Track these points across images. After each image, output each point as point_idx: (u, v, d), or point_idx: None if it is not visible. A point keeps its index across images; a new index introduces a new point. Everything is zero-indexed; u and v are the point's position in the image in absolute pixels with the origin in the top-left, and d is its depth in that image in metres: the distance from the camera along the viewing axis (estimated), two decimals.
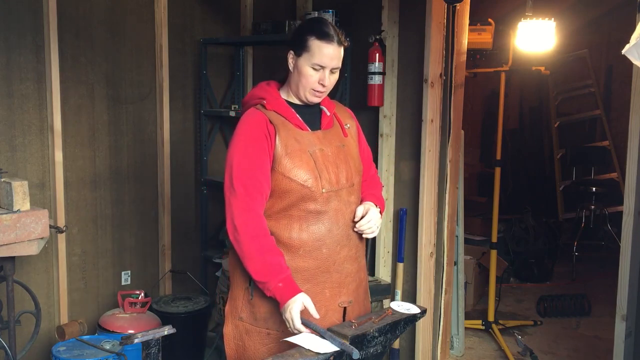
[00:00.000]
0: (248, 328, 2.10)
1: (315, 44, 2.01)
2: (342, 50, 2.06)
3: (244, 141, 2.02)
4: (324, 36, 2.01)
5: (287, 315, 1.90)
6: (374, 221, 2.10)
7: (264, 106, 2.07)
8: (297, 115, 2.09)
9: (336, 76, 2.09)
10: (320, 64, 2.02)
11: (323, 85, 2.05)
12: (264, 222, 2.00)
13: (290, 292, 1.92)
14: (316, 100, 2.11)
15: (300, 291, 1.93)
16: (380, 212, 2.20)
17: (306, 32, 2.04)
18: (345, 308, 2.13)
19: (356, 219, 2.10)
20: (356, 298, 2.17)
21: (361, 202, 2.19)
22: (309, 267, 2.04)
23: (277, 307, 2.04)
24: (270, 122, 2.03)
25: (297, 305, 1.89)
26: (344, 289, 2.12)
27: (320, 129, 2.13)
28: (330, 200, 2.05)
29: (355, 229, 2.11)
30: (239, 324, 2.12)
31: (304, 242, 2.02)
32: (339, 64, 2.06)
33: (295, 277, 2.03)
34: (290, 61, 2.08)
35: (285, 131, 2.03)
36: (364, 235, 2.13)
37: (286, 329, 2.04)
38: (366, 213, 2.10)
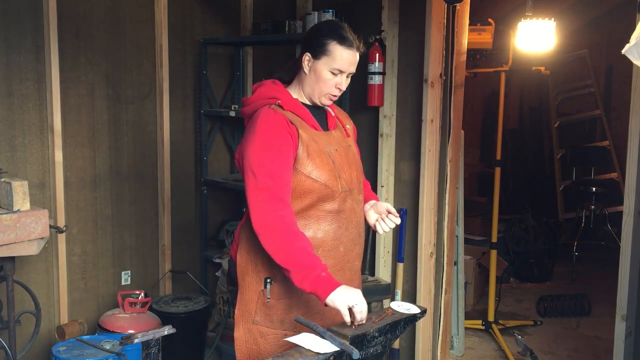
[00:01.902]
0: (263, 331, 2.08)
1: (336, 48, 2.00)
2: (358, 56, 2.06)
3: (265, 140, 1.95)
4: (345, 41, 2.01)
5: (357, 309, 1.82)
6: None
7: (280, 106, 2.02)
8: (312, 116, 2.09)
9: (349, 81, 2.09)
10: (340, 69, 2.02)
11: (340, 90, 2.06)
12: (293, 213, 1.95)
13: (333, 283, 1.85)
14: (329, 103, 2.12)
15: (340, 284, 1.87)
16: None
17: (326, 35, 2.02)
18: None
19: (392, 212, 2.13)
20: None
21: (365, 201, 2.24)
22: (326, 265, 2.04)
23: (293, 307, 2.05)
24: (291, 122, 2.00)
25: (352, 295, 1.84)
26: (351, 286, 2.12)
27: (327, 129, 2.14)
28: (346, 199, 2.07)
29: (382, 223, 2.14)
30: (252, 327, 2.09)
31: (324, 242, 2.03)
32: (354, 70, 2.07)
33: None
34: (306, 63, 2.05)
35: (304, 132, 2.02)
36: (379, 230, 2.16)
37: (302, 329, 2.01)
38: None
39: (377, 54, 3.21)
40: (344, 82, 2.05)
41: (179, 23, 3.90)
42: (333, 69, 2.01)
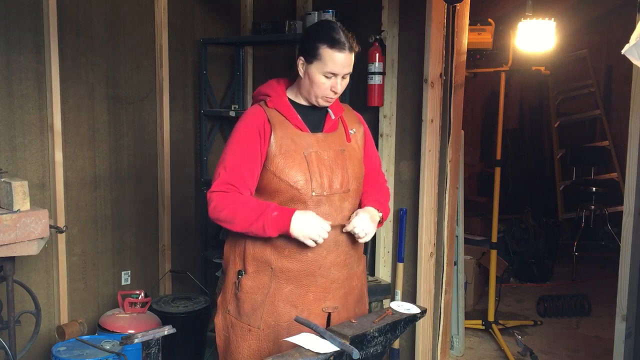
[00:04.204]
0: (233, 322, 2.14)
1: (327, 52, 1.99)
2: (353, 55, 2.04)
3: (238, 136, 2.06)
4: (336, 44, 1.98)
5: (313, 234, 1.93)
6: (360, 227, 2.05)
7: (266, 103, 2.08)
8: (298, 116, 2.09)
9: (347, 81, 2.08)
10: (333, 72, 2.00)
11: (335, 92, 2.05)
12: (240, 193, 2.03)
13: (288, 213, 1.95)
14: (326, 105, 2.11)
15: (295, 210, 1.96)
16: (383, 218, 2.18)
17: (317, 39, 2.01)
18: (329, 314, 2.12)
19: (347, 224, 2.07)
20: (344, 305, 2.15)
21: (361, 206, 2.17)
22: (293, 268, 2.05)
23: (258, 306, 2.07)
24: (268, 120, 2.04)
25: (307, 217, 1.94)
26: (330, 295, 2.11)
27: (322, 131, 2.12)
28: (321, 204, 2.04)
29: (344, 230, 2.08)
30: (226, 316, 2.17)
31: (290, 243, 2.03)
32: (351, 70, 2.05)
33: (279, 277, 2.05)
34: (300, 67, 2.06)
35: (283, 130, 2.04)
36: (357, 239, 2.09)
37: (266, 328, 2.08)
38: (358, 217, 2.06)
39: (377, 54, 3.21)
40: (339, 84, 2.04)
41: (179, 23, 3.90)
42: (326, 73, 2.01)
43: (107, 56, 3.58)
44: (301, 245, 2.02)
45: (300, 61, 2.06)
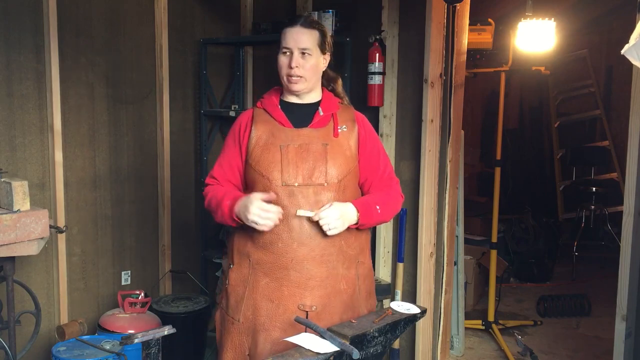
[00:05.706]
0: (224, 315, 2.21)
1: (283, 32, 2.13)
2: (311, 32, 2.11)
3: (227, 137, 2.26)
4: (290, 22, 2.13)
5: (251, 216, 1.99)
6: (326, 219, 1.99)
7: (256, 105, 2.24)
8: (282, 112, 2.17)
9: (311, 61, 2.11)
10: (286, 46, 2.11)
11: (291, 67, 2.09)
12: (222, 185, 2.22)
13: (235, 200, 2.08)
14: (295, 86, 2.13)
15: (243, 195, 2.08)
16: (360, 220, 2.08)
17: (282, 28, 2.18)
18: (307, 313, 2.06)
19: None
20: (325, 307, 2.08)
21: None
22: (267, 260, 2.09)
23: (242, 296, 2.13)
24: (252, 118, 2.17)
25: (246, 201, 2.01)
26: (307, 293, 2.06)
27: (308, 126, 2.16)
28: (293, 195, 2.05)
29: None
30: (221, 310, 2.25)
31: (263, 234, 2.07)
32: (307, 45, 2.10)
33: (256, 269, 2.11)
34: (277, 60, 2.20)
35: (264, 126, 2.14)
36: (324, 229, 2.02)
37: (245, 321, 2.11)
38: (328, 208, 2.01)
39: (377, 54, 3.21)
40: (294, 59, 2.09)
41: (179, 23, 3.90)
42: (282, 49, 2.12)
43: (107, 56, 3.58)
44: (272, 235, 2.06)
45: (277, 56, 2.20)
